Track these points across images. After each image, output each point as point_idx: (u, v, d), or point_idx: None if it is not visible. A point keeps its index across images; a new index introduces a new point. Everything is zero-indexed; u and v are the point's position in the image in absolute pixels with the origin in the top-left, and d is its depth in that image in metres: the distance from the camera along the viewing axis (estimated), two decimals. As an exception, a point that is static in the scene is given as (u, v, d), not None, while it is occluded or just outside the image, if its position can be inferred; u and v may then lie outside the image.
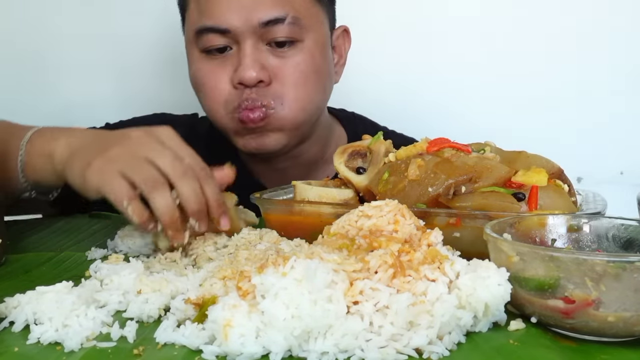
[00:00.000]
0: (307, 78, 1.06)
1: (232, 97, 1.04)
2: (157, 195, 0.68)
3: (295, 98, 1.05)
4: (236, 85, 1.03)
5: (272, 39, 1.03)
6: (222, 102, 1.06)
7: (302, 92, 1.06)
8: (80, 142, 0.80)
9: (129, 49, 1.56)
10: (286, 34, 1.02)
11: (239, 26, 1.01)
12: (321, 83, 1.10)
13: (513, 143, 0.87)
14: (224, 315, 0.47)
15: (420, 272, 0.51)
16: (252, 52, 1.02)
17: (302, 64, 1.05)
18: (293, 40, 1.04)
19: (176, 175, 0.69)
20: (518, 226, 0.60)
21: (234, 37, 1.02)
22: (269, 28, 1.01)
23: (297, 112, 1.06)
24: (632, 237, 0.59)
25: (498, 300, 0.50)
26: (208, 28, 1.02)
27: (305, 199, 0.82)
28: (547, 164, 0.77)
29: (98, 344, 0.50)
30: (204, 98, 1.09)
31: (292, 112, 1.05)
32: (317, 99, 1.10)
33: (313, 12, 1.07)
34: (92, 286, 0.60)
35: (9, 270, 0.73)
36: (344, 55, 1.19)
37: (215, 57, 1.05)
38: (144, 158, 0.70)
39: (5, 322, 0.54)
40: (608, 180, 1.50)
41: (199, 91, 1.09)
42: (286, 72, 1.04)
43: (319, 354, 0.45)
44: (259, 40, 1.02)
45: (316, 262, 0.49)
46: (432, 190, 0.72)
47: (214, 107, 1.07)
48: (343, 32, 1.19)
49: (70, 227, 0.97)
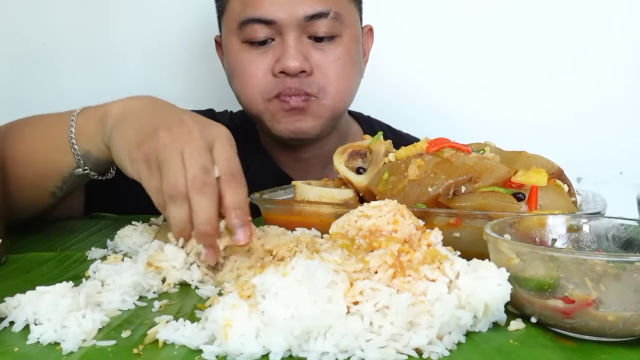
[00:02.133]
0: (346, 70, 1.12)
1: (271, 85, 1.09)
2: (172, 206, 0.65)
3: (337, 89, 1.11)
4: (277, 74, 1.07)
5: (314, 33, 1.07)
6: (260, 90, 1.11)
7: (343, 84, 1.11)
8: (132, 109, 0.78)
9: (134, 44, 1.56)
10: (328, 28, 1.08)
11: (285, 18, 1.05)
12: (357, 76, 1.16)
13: (513, 143, 0.88)
14: (224, 315, 0.47)
15: (420, 272, 0.51)
16: (295, 43, 1.06)
17: (341, 57, 1.10)
18: (333, 35, 1.09)
19: (194, 186, 0.63)
20: (518, 226, 0.60)
21: (278, 28, 1.06)
22: (312, 22, 1.06)
23: (337, 103, 1.12)
24: (631, 237, 0.59)
25: (498, 300, 0.50)
26: (254, 19, 1.07)
27: (305, 199, 0.82)
28: (547, 164, 0.78)
29: (98, 342, 0.50)
30: (241, 86, 1.13)
31: (334, 102, 1.11)
32: (352, 90, 1.16)
33: (350, 9, 1.13)
34: (92, 286, 0.60)
35: (9, 270, 0.73)
36: (367, 53, 1.25)
37: (257, 48, 1.09)
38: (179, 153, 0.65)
39: (5, 322, 0.54)
40: (608, 180, 1.50)
41: (237, 79, 1.13)
42: (327, 64, 1.09)
43: (319, 354, 0.45)
44: (302, 33, 1.07)
45: (316, 262, 0.49)
46: (432, 190, 0.72)
47: (252, 95, 1.12)
48: (368, 31, 1.24)
49: (70, 227, 0.97)
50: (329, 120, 1.14)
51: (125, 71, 1.56)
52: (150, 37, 1.57)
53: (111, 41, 1.55)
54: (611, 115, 1.53)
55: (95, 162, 0.85)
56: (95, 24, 1.55)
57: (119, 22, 1.55)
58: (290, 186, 0.88)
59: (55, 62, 1.55)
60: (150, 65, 1.57)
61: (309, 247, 0.65)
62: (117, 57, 1.56)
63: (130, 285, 0.61)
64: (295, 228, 0.77)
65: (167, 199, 0.64)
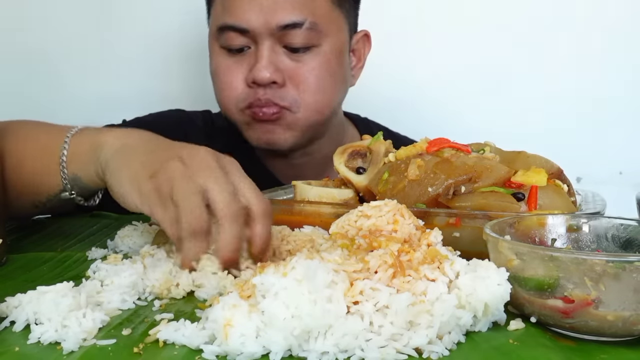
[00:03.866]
0: (321, 82, 1.09)
1: (245, 95, 1.08)
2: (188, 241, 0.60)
3: (309, 102, 1.08)
4: (250, 84, 1.07)
5: (289, 43, 1.05)
6: (234, 99, 1.10)
7: (318, 96, 1.09)
8: (131, 141, 0.75)
9: (139, 45, 1.56)
10: (303, 38, 1.05)
11: (258, 27, 1.04)
12: (335, 87, 1.12)
13: (513, 143, 0.88)
14: (224, 314, 0.47)
15: (420, 272, 0.51)
16: (268, 53, 1.05)
17: (317, 69, 1.08)
18: (310, 45, 1.06)
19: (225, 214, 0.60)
20: (518, 226, 0.60)
21: (253, 37, 1.05)
22: (286, 32, 1.04)
23: (310, 115, 1.10)
24: (631, 237, 0.59)
25: (498, 300, 0.50)
26: (229, 26, 1.06)
27: (305, 199, 0.82)
28: (547, 164, 0.78)
29: (98, 342, 0.50)
30: (218, 93, 1.13)
31: (306, 114, 1.09)
32: (330, 102, 1.13)
33: (333, 17, 1.09)
34: (92, 286, 0.60)
35: (10, 270, 0.73)
36: (362, 59, 1.21)
37: (234, 55, 1.09)
38: (199, 187, 0.61)
39: (6, 322, 0.54)
40: (607, 180, 1.50)
41: (215, 85, 1.14)
42: (301, 75, 1.07)
43: (319, 353, 0.46)
44: (276, 42, 1.05)
45: (316, 262, 0.49)
46: (432, 190, 0.73)
47: (227, 102, 1.12)
48: (364, 36, 1.20)
49: (71, 227, 0.97)
50: (303, 133, 1.12)
51: (125, 71, 1.57)
52: (150, 37, 1.57)
53: (111, 41, 1.55)
54: (611, 115, 1.53)
55: (82, 187, 0.83)
56: (95, 24, 1.55)
57: (119, 22, 1.55)
58: (290, 186, 0.88)
59: (55, 62, 1.55)
60: (151, 65, 1.57)
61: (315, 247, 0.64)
62: (118, 57, 1.56)
63: (130, 285, 0.61)
64: (294, 228, 0.77)
65: (187, 234, 0.59)
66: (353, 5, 1.17)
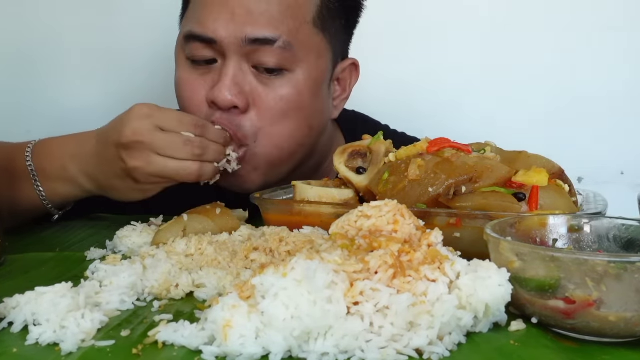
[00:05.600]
0: (286, 114, 0.95)
1: (205, 116, 0.94)
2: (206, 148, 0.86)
3: (269, 134, 0.95)
4: (209, 104, 0.94)
5: (258, 63, 0.93)
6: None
7: (279, 130, 0.95)
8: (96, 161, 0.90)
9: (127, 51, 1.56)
10: (275, 59, 0.92)
11: (226, 37, 0.91)
12: (304, 121, 0.98)
13: (513, 143, 0.87)
14: (223, 315, 0.47)
15: (421, 273, 0.51)
16: (234, 72, 0.92)
17: (285, 98, 0.94)
18: (282, 68, 0.93)
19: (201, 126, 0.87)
20: (519, 226, 0.60)
21: (220, 50, 0.93)
22: (256, 47, 0.91)
23: (270, 150, 0.96)
24: (633, 238, 0.58)
25: (499, 300, 0.50)
26: (195, 35, 0.93)
27: (305, 199, 0.82)
28: (548, 164, 0.77)
29: (97, 343, 0.49)
30: (181, 108, 1.00)
31: (265, 149, 0.95)
32: (296, 137, 0.98)
33: (313, 42, 0.97)
34: (91, 287, 0.59)
35: (8, 271, 0.73)
36: (347, 89, 1.09)
37: (199, 67, 0.96)
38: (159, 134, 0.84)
39: (4, 323, 0.54)
40: (609, 180, 1.50)
41: (177, 98, 1.00)
42: (266, 103, 0.93)
43: (319, 354, 0.45)
44: (245, 60, 0.93)
45: (316, 262, 0.49)
46: (433, 191, 0.72)
47: None
48: (351, 65, 1.08)
49: (70, 228, 0.97)
50: (269, 170, 0.98)
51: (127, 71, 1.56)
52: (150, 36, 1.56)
53: (111, 41, 1.55)
54: (612, 115, 1.53)
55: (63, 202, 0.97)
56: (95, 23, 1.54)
57: (120, 22, 1.55)
58: (290, 186, 0.88)
59: (53, 62, 1.55)
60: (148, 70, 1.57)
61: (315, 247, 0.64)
62: (118, 57, 1.56)
63: (129, 286, 0.61)
64: (294, 229, 0.76)
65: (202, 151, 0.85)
66: (342, 30, 1.04)
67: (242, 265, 0.67)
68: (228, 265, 0.67)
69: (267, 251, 0.70)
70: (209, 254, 0.70)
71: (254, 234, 0.78)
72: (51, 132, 0.99)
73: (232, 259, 0.68)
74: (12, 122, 1.47)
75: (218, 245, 0.73)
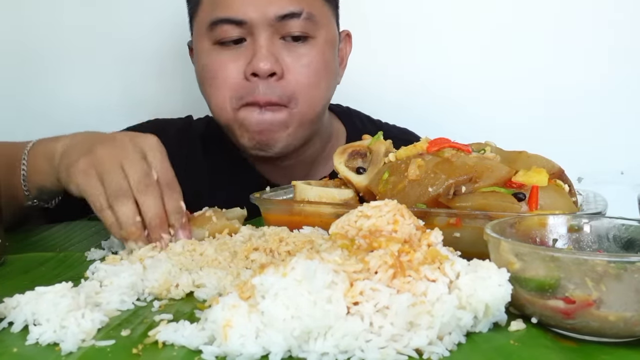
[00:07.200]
0: (318, 75, 1.08)
1: (243, 90, 1.05)
2: (120, 204, 0.73)
3: (307, 97, 1.07)
4: (248, 76, 1.04)
5: (286, 34, 1.05)
6: (230, 95, 1.06)
7: (314, 90, 1.08)
8: (73, 141, 0.85)
9: (133, 51, 1.56)
10: (300, 29, 1.04)
11: (255, 18, 1.02)
12: (330, 80, 1.12)
13: (513, 143, 0.87)
14: (223, 315, 0.47)
15: (421, 273, 0.51)
16: (267, 44, 1.03)
17: (314, 61, 1.07)
18: (306, 36, 1.06)
19: (139, 189, 0.74)
20: (518, 226, 0.60)
21: (250, 28, 1.03)
22: (284, 22, 1.03)
23: (308, 111, 1.08)
24: (632, 237, 0.58)
25: (498, 300, 0.50)
26: (223, 19, 1.04)
27: (305, 199, 0.82)
28: (548, 164, 0.77)
29: (97, 342, 0.50)
30: (212, 90, 1.09)
31: (304, 110, 1.08)
32: (326, 97, 1.12)
33: (324, 11, 1.10)
34: (91, 287, 0.59)
35: (8, 271, 0.73)
36: (345, 59, 1.21)
37: (229, 48, 1.06)
38: (119, 164, 0.74)
39: (4, 323, 0.54)
40: (608, 180, 1.50)
41: (208, 84, 1.09)
42: (299, 68, 1.06)
43: (319, 354, 0.45)
44: (274, 33, 1.04)
45: (316, 262, 0.49)
46: (432, 190, 0.72)
47: (222, 100, 1.07)
48: (345, 36, 1.21)
49: (70, 228, 0.97)
50: (297, 130, 1.09)
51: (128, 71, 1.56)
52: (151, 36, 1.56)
53: (112, 41, 1.55)
54: (612, 115, 1.53)
55: (51, 194, 0.93)
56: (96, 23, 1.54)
57: (120, 21, 1.55)
58: (290, 186, 0.88)
59: (55, 62, 1.55)
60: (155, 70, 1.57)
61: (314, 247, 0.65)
62: (119, 58, 1.56)
63: (129, 286, 0.61)
64: (294, 229, 0.76)
65: (113, 200, 0.73)
66: (335, 4, 1.16)
67: (242, 265, 0.67)
68: (228, 265, 0.67)
69: (267, 251, 0.70)
70: (209, 254, 0.70)
71: (254, 234, 0.78)
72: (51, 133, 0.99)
73: (232, 259, 0.69)
74: (12, 123, 1.47)
75: (218, 245, 0.73)
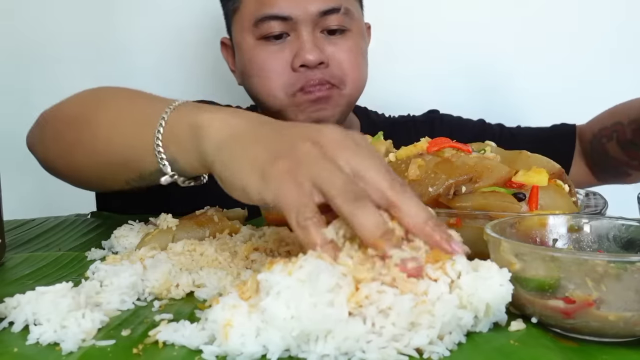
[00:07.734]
0: (358, 61, 1.18)
1: (293, 79, 1.13)
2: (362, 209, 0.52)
3: (353, 79, 1.17)
4: (297, 68, 1.12)
5: (326, 27, 1.14)
6: (282, 85, 1.14)
7: (357, 73, 1.18)
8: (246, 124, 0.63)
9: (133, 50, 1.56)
10: (339, 22, 1.14)
11: (300, 14, 1.11)
12: (366, 66, 1.23)
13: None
14: (223, 315, 0.47)
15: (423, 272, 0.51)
16: (311, 37, 1.12)
17: (353, 49, 1.17)
18: (344, 29, 1.15)
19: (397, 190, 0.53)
20: (518, 226, 0.60)
21: (294, 25, 1.12)
22: (325, 17, 1.13)
23: (354, 92, 1.19)
24: (633, 238, 0.58)
25: (499, 300, 0.49)
26: (270, 16, 1.12)
27: (306, 199, 0.82)
28: (548, 164, 0.77)
29: (97, 342, 0.50)
30: (261, 82, 1.16)
31: (351, 91, 1.18)
32: (365, 80, 1.22)
33: (355, 5, 1.20)
34: (92, 287, 0.59)
35: (8, 271, 0.73)
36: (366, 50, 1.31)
37: (274, 43, 1.14)
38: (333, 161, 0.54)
39: (4, 323, 0.54)
40: (608, 180, 1.49)
41: (255, 77, 1.16)
42: (341, 56, 1.15)
43: (319, 356, 0.45)
44: (315, 27, 1.13)
45: (325, 263, 0.48)
46: (433, 190, 0.72)
47: (274, 89, 1.15)
48: (367, 29, 1.29)
49: (71, 227, 0.97)
50: (345, 109, 1.20)
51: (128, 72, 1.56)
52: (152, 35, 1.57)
53: (114, 41, 1.55)
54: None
55: (179, 171, 0.69)
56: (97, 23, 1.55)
57: (121, 21, 1.55)
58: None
59: (56, 60, 1.55)
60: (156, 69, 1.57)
61: None
62: (120, 57, 1.56)
63: (129, 286, 0.61)
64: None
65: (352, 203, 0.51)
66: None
67: (242, 265, 0.67)
68: (228, 265, 0.67)
69: (267, 251, 0.70)
70: (209, 254, 0.70)
71: (254, 234, 0.78)
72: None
73: (233, 259, 0.69)
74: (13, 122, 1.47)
75: (219, 245, 0.73)
